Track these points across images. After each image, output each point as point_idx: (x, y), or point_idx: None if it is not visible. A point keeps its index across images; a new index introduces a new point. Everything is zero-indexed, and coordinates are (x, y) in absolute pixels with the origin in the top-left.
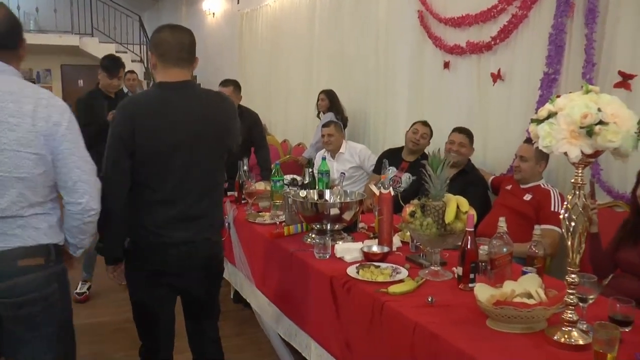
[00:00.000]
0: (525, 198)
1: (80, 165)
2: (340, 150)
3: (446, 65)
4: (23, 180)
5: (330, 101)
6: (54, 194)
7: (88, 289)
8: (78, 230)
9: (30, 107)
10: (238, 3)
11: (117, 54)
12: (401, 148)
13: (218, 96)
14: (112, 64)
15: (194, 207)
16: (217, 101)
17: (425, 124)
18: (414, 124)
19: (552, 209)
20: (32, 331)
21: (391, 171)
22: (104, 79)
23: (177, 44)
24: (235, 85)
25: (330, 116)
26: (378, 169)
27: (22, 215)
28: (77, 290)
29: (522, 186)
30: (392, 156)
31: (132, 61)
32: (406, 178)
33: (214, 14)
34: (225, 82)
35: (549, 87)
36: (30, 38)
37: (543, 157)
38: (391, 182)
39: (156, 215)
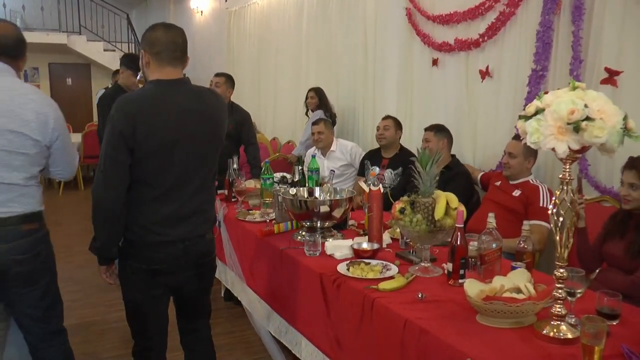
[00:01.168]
0: (514, 194)
1: (69, 152)
2: (331, 148)
3: (435, 62)
4: (26, 155)
5: (319, 99)
6: (40, 172)
7: None
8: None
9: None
10: (226, 1)
11: (106, 52)
12: (379, 148)
13: (211, 92)
14: (137, 64)
15: (190, 203)
16: (210, 97)
17: (385, 117)
18: None
19: (541, 204)
20: (31, 285)
21: (374, 170)
22: (128, 77)
23: (171, 43)
24: (228, 78)
25: (319, 114)
26: (362, 171)
27: (25, 185)
28: None
29: (511, 182)
30: (372, 157)
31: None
32: (389, 174)
33: (202, 12)
34: (219, 73)
35: (536, 83)
36: None
37: (531, 153)
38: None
39: (154, 213)
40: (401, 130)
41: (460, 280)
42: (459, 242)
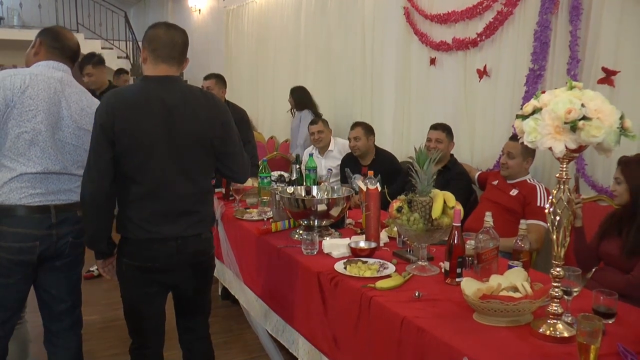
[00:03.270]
0: (511, 193)
1: None
2: (329, 148)
3: (432, 61)
4: (85, 152)
5: (296, 98)
6: None
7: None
8: None
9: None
10: (224, 0)
11: (103, 50)
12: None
13: (201, 92)
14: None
15: (180, 202)
16: (199, 97)
17: (353, 126)
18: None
19: (538, 204)
20: (73, 269)
21: (356, 178)
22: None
23: (170, 42)
24: (218, 78)
25: (305, 113)
26: (344, 178)
27: (80, 177)
28: (91, 268)
29: (508, 181)
30: (350, 164)
31: (118, 57)
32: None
33: (199, 10)
34: (208, 75)
35: (534, 83)
36: (14, 34)
37: (530, 153)
38: None
39: (142, 209)
40: (373, 134)
41: (457, 279)
42: (456, 241)
